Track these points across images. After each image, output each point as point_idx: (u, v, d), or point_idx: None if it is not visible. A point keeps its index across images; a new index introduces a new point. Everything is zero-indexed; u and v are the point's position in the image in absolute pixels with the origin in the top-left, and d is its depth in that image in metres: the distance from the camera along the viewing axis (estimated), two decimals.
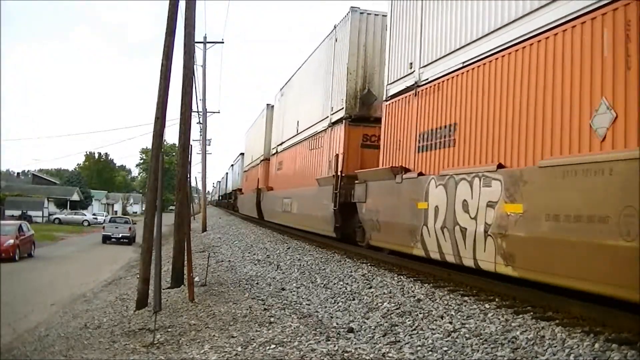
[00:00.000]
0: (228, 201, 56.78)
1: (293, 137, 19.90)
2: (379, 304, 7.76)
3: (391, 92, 11.39)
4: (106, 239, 33.86)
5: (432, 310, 7.07)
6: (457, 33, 8.82)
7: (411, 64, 10.49)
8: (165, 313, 8.48)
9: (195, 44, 17.70)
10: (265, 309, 7.92)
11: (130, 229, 34.49)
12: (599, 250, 5.51)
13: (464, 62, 8.61)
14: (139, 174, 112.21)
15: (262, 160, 27.50)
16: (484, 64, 8.03)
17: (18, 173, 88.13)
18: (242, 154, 40.71)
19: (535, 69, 6.88)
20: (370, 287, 8.96)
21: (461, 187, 8.08)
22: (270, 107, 27.33)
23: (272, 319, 7.26)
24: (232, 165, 53.08)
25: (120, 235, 33.82)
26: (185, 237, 10.43)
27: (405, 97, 10.64)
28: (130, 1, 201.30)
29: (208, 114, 34.50)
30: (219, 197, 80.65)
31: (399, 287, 8.68)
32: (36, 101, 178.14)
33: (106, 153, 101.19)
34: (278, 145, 23.17)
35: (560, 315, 6.25)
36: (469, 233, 7.78)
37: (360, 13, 13.94)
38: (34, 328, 11.49)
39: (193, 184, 53.33)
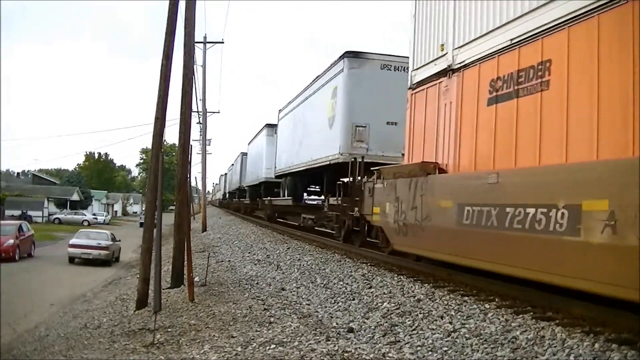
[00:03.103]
0: (254, 200, 31.46)
1: None
2: (379, 304, 7.75)
3: None
4: (142, 225, 46.21)
5: (432, 310, 7.07)
6: None
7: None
8: (165, 313, 8.49)
9: (195, 44, 17.72)
10: (265, 309, 7.93)
11: None
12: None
13: None
14: (139, 174, 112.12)
15: None
16: None
17: (18, 173, 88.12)
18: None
19: None
20: (370, 287, 8.95)
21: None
22: None
23: (272, 319, 7.27)
24: (285, 112, 22.95)
25: None
26: (185, 237, 10.43)
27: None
28: (130, 1, 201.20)
29: (208, 114, 34.58)
30: (223, 194, 61.69)
31: (399, 287, 8.67)
32: (36, 101, 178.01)
33: (106, 153, 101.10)
34: None
35: (560, 315, 6.25)
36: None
37: None
38: (34, 328, 11.50)
39: (193, 184, 53.30)
